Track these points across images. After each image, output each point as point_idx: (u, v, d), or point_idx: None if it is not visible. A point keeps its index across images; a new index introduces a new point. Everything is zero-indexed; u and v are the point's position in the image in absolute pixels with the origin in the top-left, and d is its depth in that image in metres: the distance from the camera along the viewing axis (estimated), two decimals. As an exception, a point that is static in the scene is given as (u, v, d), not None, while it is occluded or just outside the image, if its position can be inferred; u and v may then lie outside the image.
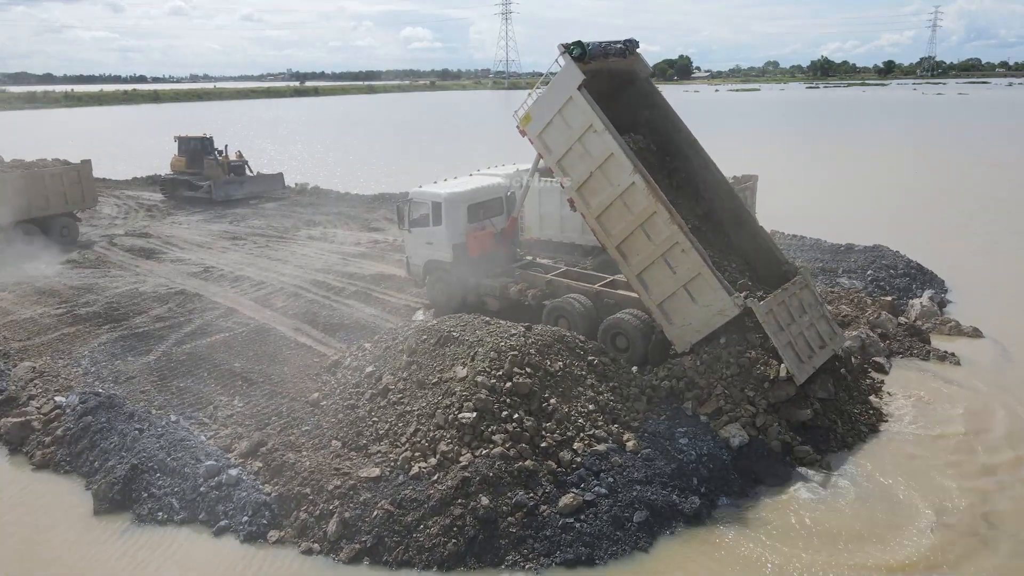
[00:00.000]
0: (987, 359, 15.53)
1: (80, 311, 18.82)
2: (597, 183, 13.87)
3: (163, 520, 10.50)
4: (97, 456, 11.75)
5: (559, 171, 14.47)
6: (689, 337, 13.23)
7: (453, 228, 17.24)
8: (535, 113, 14.57)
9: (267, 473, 11.00)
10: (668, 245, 13.07)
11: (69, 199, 27.41)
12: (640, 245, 13.48)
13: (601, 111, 13.60)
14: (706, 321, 12.96)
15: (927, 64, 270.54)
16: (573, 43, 13.98)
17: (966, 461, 11.68)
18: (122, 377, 14.69)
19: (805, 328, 13.08)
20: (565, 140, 14.13)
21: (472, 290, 17.48)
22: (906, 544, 9.74)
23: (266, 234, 28.70)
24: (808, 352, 12.82)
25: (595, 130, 13.58)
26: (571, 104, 13.81)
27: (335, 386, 13.46)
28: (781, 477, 11.30)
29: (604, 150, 13.56)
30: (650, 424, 11.91)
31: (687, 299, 13.10)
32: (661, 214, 13.05)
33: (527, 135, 14.88)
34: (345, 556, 9.63)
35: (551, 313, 15.62)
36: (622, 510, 10.11)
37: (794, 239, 25.17)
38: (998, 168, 44.27)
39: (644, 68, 15.71)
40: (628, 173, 13.33)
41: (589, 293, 15.59)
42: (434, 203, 17.35)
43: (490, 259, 17.63)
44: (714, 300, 12.76)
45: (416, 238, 18.08)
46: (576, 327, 14.79)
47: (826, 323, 13.73)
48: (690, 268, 12.93)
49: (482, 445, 10.72)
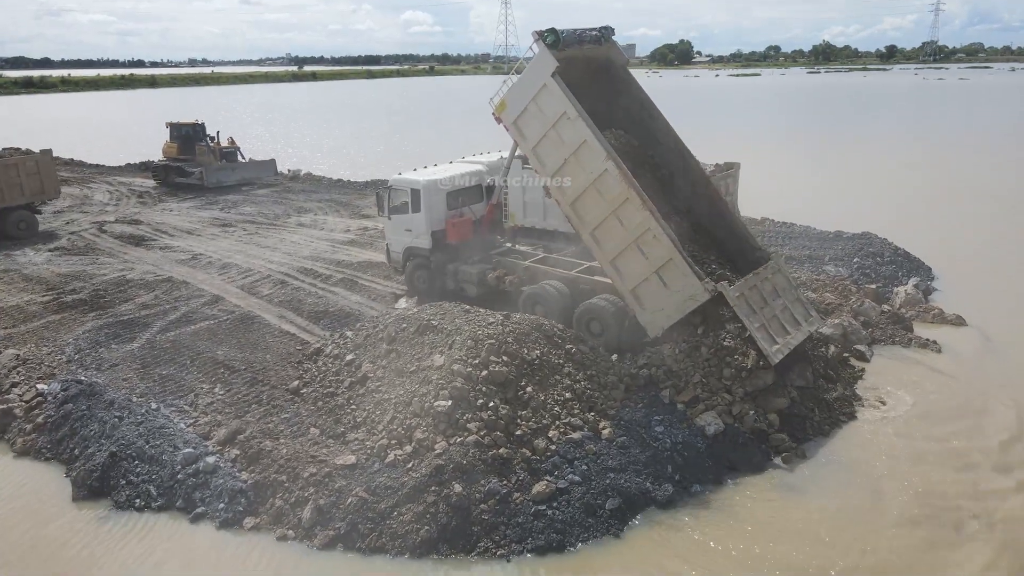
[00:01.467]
0: (969, 347, 15.56)
1: (66, 299, 18.87)
2: (571, 170, 13.94)
3: (140, 507, 10.61)
4: (77, 443, 11.84)
5: (534, 158, 14.54)
6: (661, 322, 13.33)
7: (432, 215, 17.37)
8: (510, 100, 14.63)
9: (244, 461, 11.08)
10: (640, 231, 13.15)
11: (27, 191, 26.03)
12: (613, 231, 13.57)
13: (575, 98, 13.62)
14: (677, 306, 13.05)
15: (929, 48, 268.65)
16: (547, 30, 14.02)
17: (942, 449, 11.74)
18: (105, 365, 14.75)
19: (779, 311, 13.17)
20: (540, 127, 14.19)
21: (451, 276, 17.61)
22: (879, 533, 9.82)
23: (256, 221, 28.68)
24: (783, 334, 12.89)
25: (569, 117, 13.64)
26: (545, 91, 13.87)
27: (316, 374, 13.53)
28: (756, 465, 11.38)
29: (578, 137, 13.62)
30: (627, 412, 11.96)
31: (659, 284, 13.20)
32: (633, 200, 13.12)
33: (503, 122, 14.95)
34: (319, 542, 9.73)
35: (528, 299, 15.78)
36: (595, 497, 10.19)
37: (783, 226, 25.14)
38: (992, 156, 44.12)
39: (620, 56, 15.73)
40: (601, 160, 13.40)
41: (565, 279, 15.74)
42: (413, 190, 17.46)
43: (469, 246, 17.77)
44: (685, 285, 12.86)
45: (395, 225, 18.23)
46: (552, 313, 14.94)
47: (801, 306, 13.82)
48: (661, 254, 13.01)
49: (457, 433, 10.79)
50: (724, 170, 18.57)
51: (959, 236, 24.67)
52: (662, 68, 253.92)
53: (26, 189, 26.08)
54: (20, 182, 25.88)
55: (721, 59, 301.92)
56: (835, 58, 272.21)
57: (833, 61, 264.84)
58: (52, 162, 27.54)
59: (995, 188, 33.09)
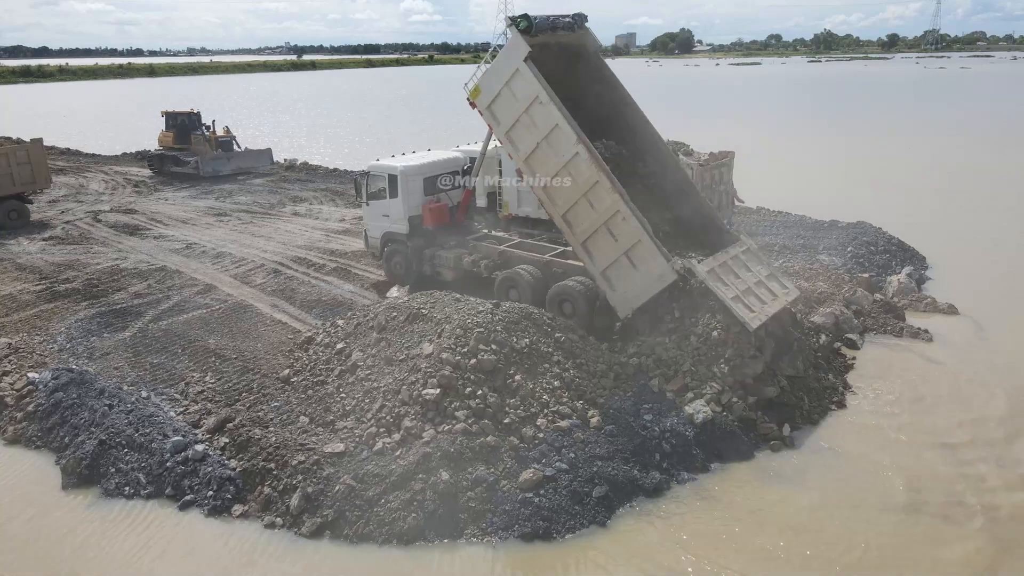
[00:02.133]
0: (959, 336, 15.56)
1: (59, 288, 18.86)
2: (543, 154, 14.21)
3: (130, 494, 10.63)
4: (67, 432, 11.85)
5: (507, 142, 14.83)
6: (630, 302, 13.60)
7: (409, 200, 17.68)
8: (484, 85, 14.84)
9: (233, 448, 11.10)
10: (610, 213, 13.43)
11: (17, 180, 25.95)
12: (584, 214, 13.87)
13: (546, 83, 13.86)
14: (646, 287, 13.33)
15: (931, 37, 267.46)
16: (520, 16, 14.27)
17: (930, 438, 11.75)
18: (97, 353, 14.76)
19: (752, 284, 13.40)
20: (513, 111, 14.42)
21: (427, 261, 17.87)
22: (866, 521, 9.84)
23: (251, 210, 28.63)
24: (759, 304, 13.06)
25: (541, 101, 13.87)
26: (518, 76, 14.10)
27: (306, 363, 13.54)
28: (744, 453, 11.39)
29: (549, 121, 13.86)
30: (616, 401, 11.97)
31: (628, 266, 13.49)
32: (603, 183, 13.41)
33: (477, 107, 15.16)
34: (306, 530, 9.76)
35: (503, 283, 16.04)
36: (582, 485, 10.22)
37: (779, 215, 25.10)
38: (990, 146, 43.99)
39: (593, 42, 15.91)
40: (572, 143, 13.65)
41: (539, 263, 16.08)
42: (390, 176, 17.73)
43: (445, 231, 18.06)
44: (653, 266, 13.16)
45: (373, 211, 18.54)
46: (525, 296, 15.32)
47: (775, 280, 14.04)
48: (631, 235, 13.30)
49: (445, 421, 10.82)
50: (719, 159, 18.51)
51: (954, 226, 24.65)
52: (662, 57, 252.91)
53: (17, 179, 26.07)
54: (11, 172, 25.86)
55: (722, 48, 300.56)
56: (837, 47, 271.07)
57: (835, 50, 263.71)
58: (43, 151, 27.46)
59: (992, 178, 33.03)
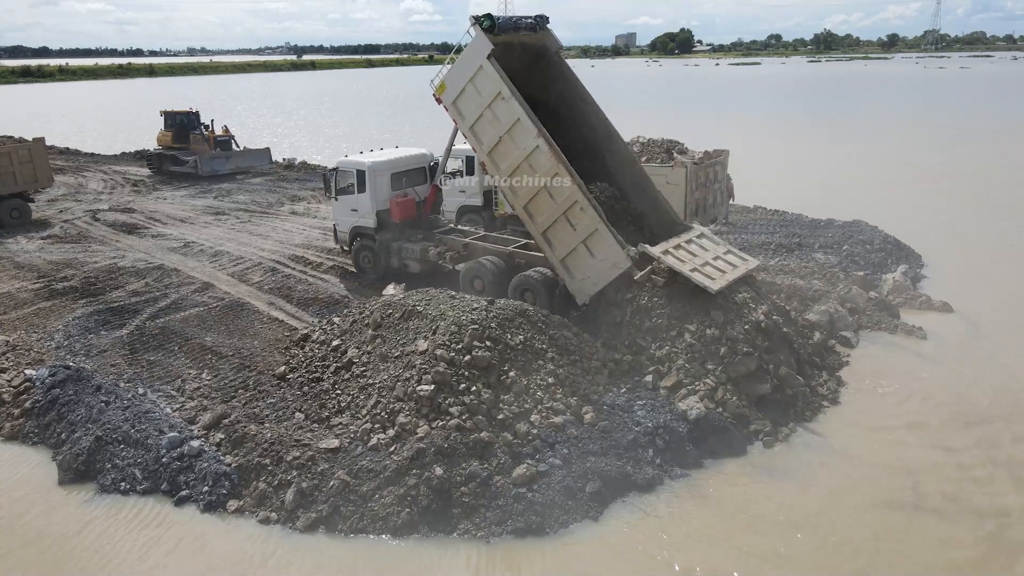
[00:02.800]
0: (954, 333, 15.62)
1: (57, 286, 18.93)
2: (506, 147, 14.91)
3: (126, 490, 10.67)
4: (64, 428, 11.90)
5: (471, 136, 15.51)
6: (588, 289, 14.22)
7: (376, 195, 18.21)
8: (449, 81, 15.49)
9: (229, 444, 11.15)
10: (569, 204, 14.08)
11: (19, 179, 26.10)
12: (544, 204, 14.53)
13: (508, 80, 14.54)
14: (602, 274, 13.95)
15: (931, 37, 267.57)
16: (483, 15, 14.92)
17: (923, 434, 11.79)
18: (94, 351, 14.83)
19: (710, 259, 14.06)
20: (476, 107, 15.09)
21: (395, 254, 18.44)
22: (858, 517, 9.88)
23: (249, 209, 28.70)
24: (718, 273, 13.61)
25: (503, 97, 14.56)
26: (481, 73, 14.76)
27: (302, 360, 13.60)
28: (737, 450, 11.44)
29: (511, 116, 14.55)
30: (609, 397, 12.04)
31: (586, 254, 14.10)
32: (562, 175, 14.11)
33: (442, 103, 15.78)
34: (301, 525, 9.81)
35: (467, 274, 16.62)
36: (575, 480, 10.27)
37: (775, 214, 25.16)
38: (986, 145, 44.05)
39: (555, 43, 16.64)
40: (533, 137, 14.33)
41: (502, 255, 16.68)
42: (359, 171, 18.28)
43: (413, 225, 18.68)
44: (609, 254, 13.80)
45: (342, 205, 19.05)
46: (489, 286, 16.03)
47: (733, 254, 14.66)
48: (588, 224, 13.95)
49: (439, 417, 10.87)
50: (713, 157, 18.57)
51: (950, 224, 24.71)
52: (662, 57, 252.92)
53: (19, 177, 26.14)
54: (13, 170, 25.91)
55: (722, 48, 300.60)
56: (837, 47, 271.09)
57: (835, 50, 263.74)
58: (45, 150, 27.53)
59: (988, 177, 33.09)
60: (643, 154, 18.30)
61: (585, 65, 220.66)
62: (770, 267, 19.21)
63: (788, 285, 17.25)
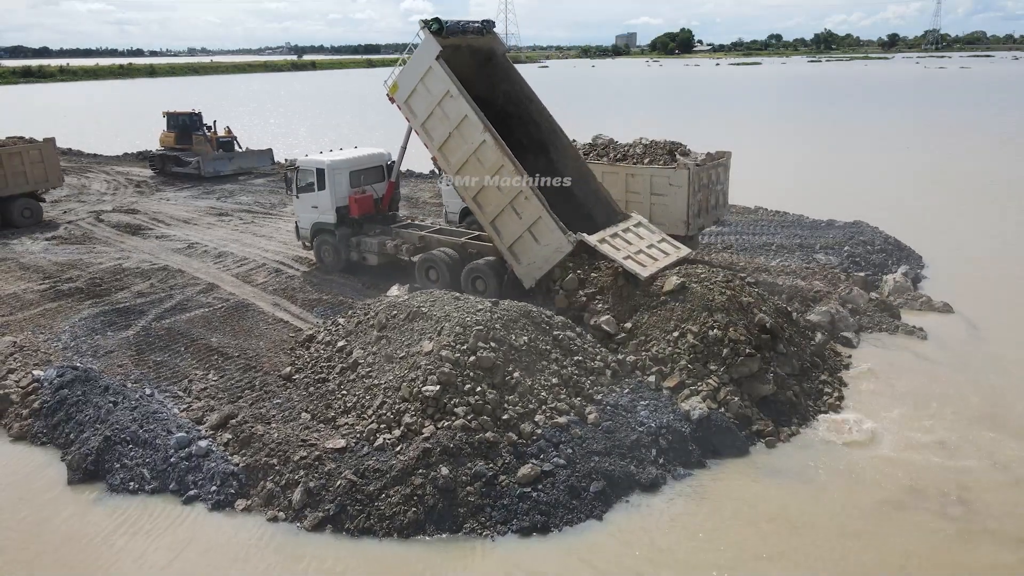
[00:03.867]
0: (954, 334, 15.72)
1: (63, 287, 19.04)
2: (455, 143, 15.90)
3: (134, 490, 10.78)
4: (72, 428, 12.01)
5: (423, 132, 16.46)
6: (534, 273, 15.41)
7: (336, 192, 19.01)
8: (401, 82, 16.46)
9: (236, 444, 11.26)
10: (514, 193, 15.21)
11: (31, 179, 26.40)
12: (492, 195, 15.58)
13: (456, 79, 15.48)
14: (547, 258, 15.13)
15: (932, 37, 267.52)
16: (432, 19, 15.96)
17: (924, 434, 11.89)
18: (101, 351, 14.93)
19: (644, 247, 15.24)
20: (427, 105, 16.07)
21: (354, 248, 19.36)
22: (860, 517, 9.97)
23: (252, 210, 28.81)
24: (650, 261, 14.81)
25: (451, 95, 15.54)
26: (431, 73, 15.74)
27: (308, 360, 13.70)
28: (740, 450, 11.55)
29: (459, 112, 15.53)
30: (613, 397, 12.13)
31: (531, 240, 15.26)
32: (507, 167, 15.16)
33: (395, 102, 16.72)
34: (308, 524, 9.92)
35: (422, 264, 17.63)
36: (579, 480, 10.38)
37: (776, 215, 25.26)
38: (987, 145, 44.12)
39: (501, 46, 17.96)
40: (480, 132, 15.35)
41: (455, 246, 17.69)
42: (318, 170, 19.09)
43: (371, 220, 19.59)
44: (552, 239, 14.95)
45: (304, 203, 19.84)
46: (443, 275, 17.14)
47: (667, 243, 15.92)
48: (532, 212, 15.09)
49: (444, 417, 10.97)
50: (715, 159, 18.64)
51: (951, 225, 24.80)
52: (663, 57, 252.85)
53: (30, 177, 26.48)
54: (24, 170, 26.24)
55: (722, 48, 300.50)
56: (837, 47, 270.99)
57: (835, 50, 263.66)
58: (55, 150, 27.91)
59: (989, 177, 33.16)
60: (646, 155, 18.34)
61: (585, 65, 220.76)
62: (771, 268, 19.32)
63: (789, 286, 17.37)
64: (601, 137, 20.53)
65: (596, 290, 14.70)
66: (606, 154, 19.10)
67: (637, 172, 18.01)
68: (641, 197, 18.04)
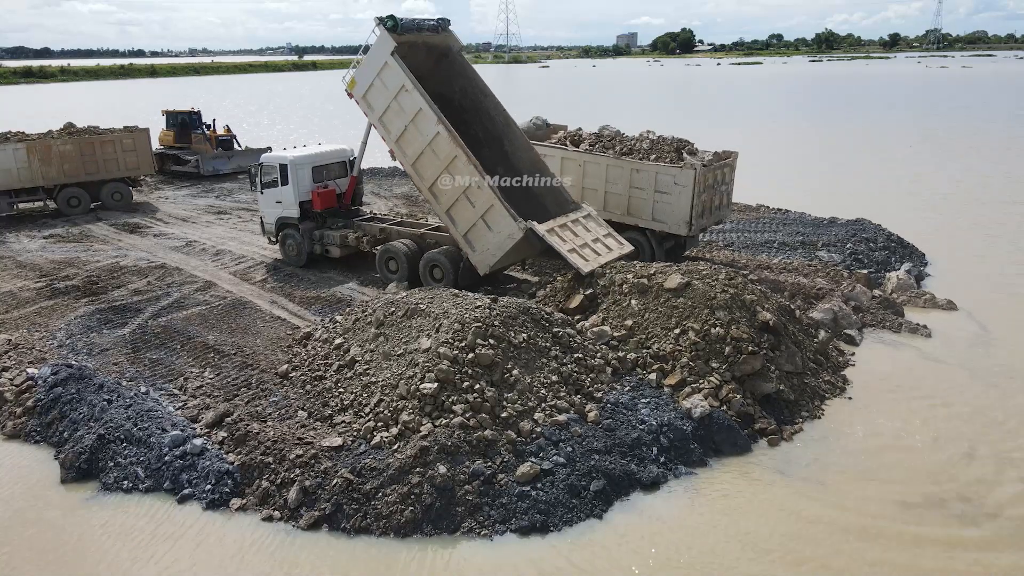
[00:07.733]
0: (958, 332, 15.56)
1: (59, 285, 18.89)
2: (411, 135, 16.39)
3: (128, 488, 10.63)
4: (66, 426, 11.86)
5: (380, 126, 16.91)
6: (488, 260, 16.00)
7: (299, 187, 19.54)
8: (359, 77, 16.90)
9: (231, 443, 11.10)
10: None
11: (123, 166, 28.14)
12: (447, 185, 16.07)
13: (411, 73, 15.98)
14: (499, 245, 15.72)
15: (933, 36, 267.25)
16: (387, 16, 16.34)
17: (929, 433, 11.75)
18: (96, 349, 14.79)
19: (589, 240, 15.81)
20: (384, 100, 16.55)
21: (317, 241, 19.82)
22: (863, 516, 9.83)
23: (251, 208, 28.61)
24: (593, 255, 15.37)
25: (407, 89, 16.06)
26: (387, 68, 16.22)
27: (305, 358, 13.56)
28: (741, 448, 11.40)
29: (414, 106, 16.04)
30: (613, 395, 11.99)
31: (485, 228, 15.83)
32: (461, 157, 15.67)
33: (353, 97, 17.17)
34: (304, 523, 9.77)
35: (382, 255, 18.15)
36: (579, 479, 10.23)
37: (779, 213, 25.11)
38: (989, 143, 43.94)
39: (457, 43, 18.40)
40: (434, 124, 15.87)
41: (414, 236, 18.23)
42: (281, 166, 19.56)
43: (334, 214, 20.05)
44: (504, 227, 15.52)
45: (268, 198, 20.29)
46: (402, 265, 17.66)
47: (612, 238, 16.54)
48: (485, 201, 15.64)
49: (442, 415, 10.83)
50: (722, 159, 18.45)
51: (953, 222, 24.64)
52: (664, 57, 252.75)
53: (122, 164, 28.09)
54: (116, 157, 27.91)
55: (723, 48, 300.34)
56: (838, 46, 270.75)
57: (836, 49, 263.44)
58: (148, 140, 29.51)
59: (991, 175, 32.99)
60: (652, 151, 18.11)
61: (587, 65, 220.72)
62: (774, 265, 19.16)
63: (792, 283, 17.21)
64: (608, 128, 20.22)
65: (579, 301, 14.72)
66: (612, 146, 18.88)
67: (642, 168, 17.81)
68: (645, 194, 17.86)
